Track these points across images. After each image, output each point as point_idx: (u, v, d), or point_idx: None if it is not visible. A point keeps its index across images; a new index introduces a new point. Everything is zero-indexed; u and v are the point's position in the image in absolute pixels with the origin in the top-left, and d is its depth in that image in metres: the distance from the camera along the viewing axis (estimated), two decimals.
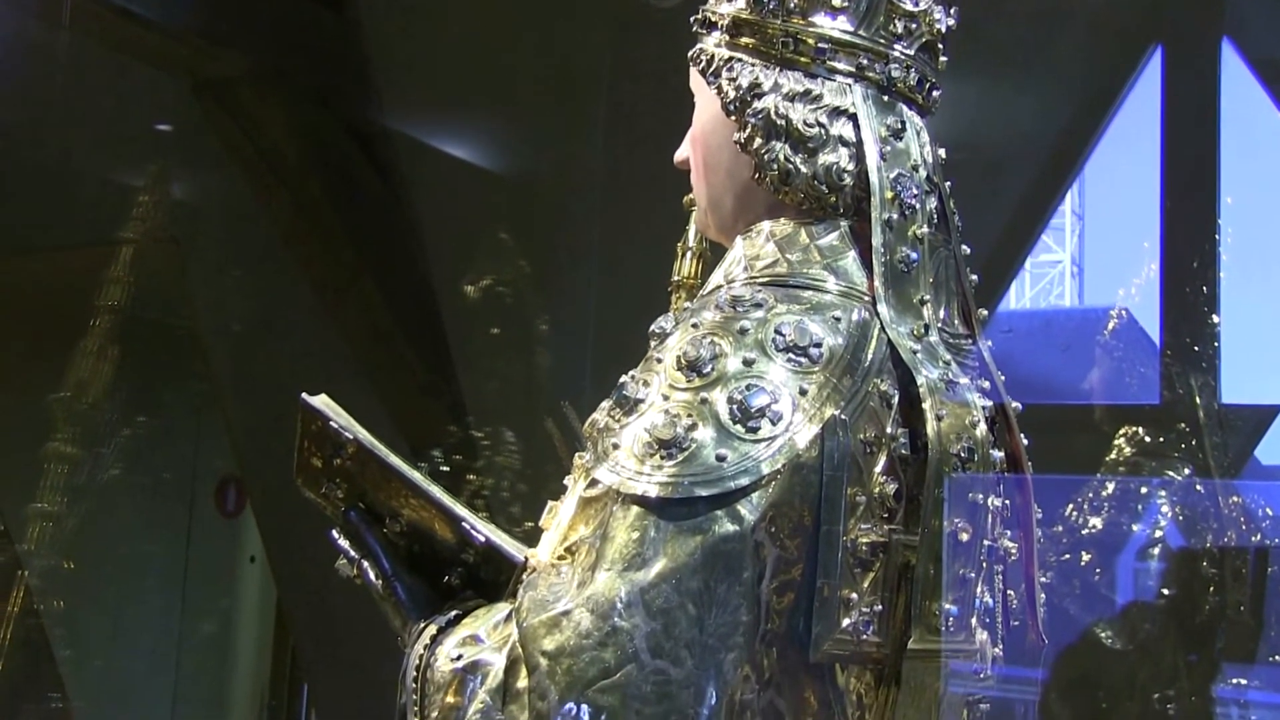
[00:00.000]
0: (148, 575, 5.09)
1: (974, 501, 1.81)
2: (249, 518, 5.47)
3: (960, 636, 1.79)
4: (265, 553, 5.36)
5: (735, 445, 1.66)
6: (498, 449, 4.34)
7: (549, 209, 4.19)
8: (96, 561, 4.56)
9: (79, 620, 4.46)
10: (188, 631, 5.36)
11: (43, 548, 4.14)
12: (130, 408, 4.57)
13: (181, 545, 5.35)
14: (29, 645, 4.21)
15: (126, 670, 4.87)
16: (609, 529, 1.65)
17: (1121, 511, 3.70)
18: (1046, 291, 11.22)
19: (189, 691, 5.34)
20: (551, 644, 1.58)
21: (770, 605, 1.67)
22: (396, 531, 1.87)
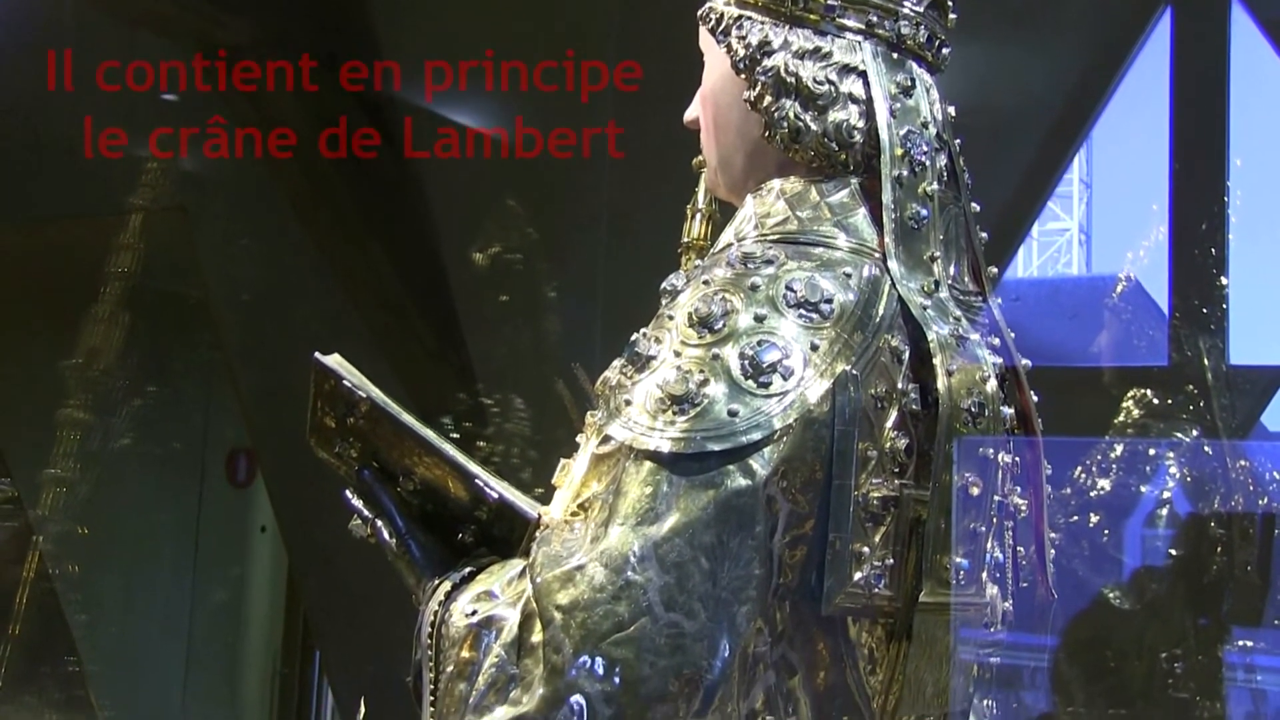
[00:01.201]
0: (159, 544, 5.12)
1: (984, 456, 1.82)
2: (260, 488, 5.49)
3: (971, 590, 1.81)
4: (276, 522, 5.39)
5: (747, 400, 1.66)
6: (507, 415, 4.35)
7: (557, 175, 4.18)
8: (109, 528, 4.59)
9: (92, 586, 4.49)
10: (199, 600, 5.39)
11: (56, 513, 4.16)
12: (141, 377, 4.58)
13: (193, 515, 5.37)
14: (44, 610, 4.25)
15: (139, 637, 4.90)
16: (622, 484, 1.66)
17: (1130, 473, 3.71)
18: (1054, 260, 11.21)
19: (201, 658, 5.38)
20: (565, 598, 1.60)
21: (782, 559, 1.68)
22: (410, 490, 1.88)
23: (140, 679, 4.96)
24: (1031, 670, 3.47)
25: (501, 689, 1.61)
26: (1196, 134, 3.84)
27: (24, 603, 4.16)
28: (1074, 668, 3.53)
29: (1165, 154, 3.96)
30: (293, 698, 5.86)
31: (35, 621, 4.26)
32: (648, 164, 3.44)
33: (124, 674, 4.75)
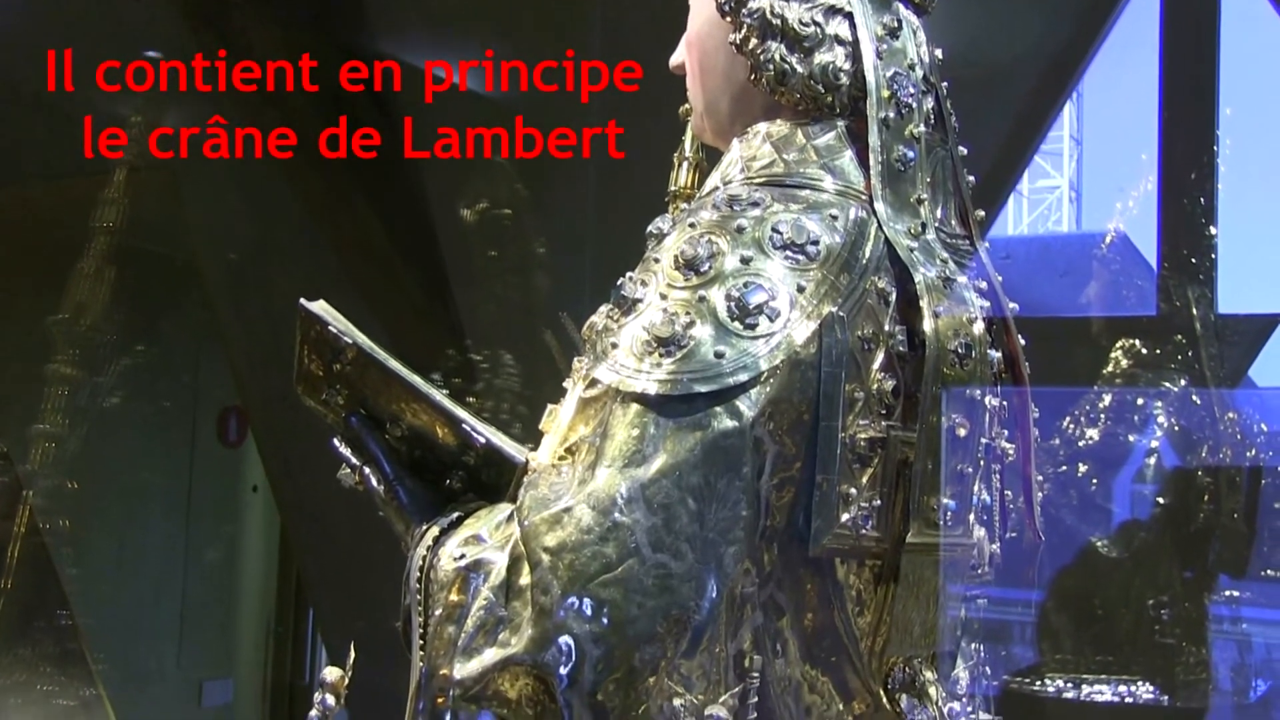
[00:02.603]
0: (151, 502, 5.12)
1: (971, 398, 1.82)
2: (251, 447, 5.49)
3: (958, 531, 1.81)
4: (268, 482, 5.39)
5: (733, 342, 1.66)
6: (497, 372, 4.35)
7: (544, 129, 4.16)
8: (100, 484, 4.59)
9: (84, 541, 4.49)
10: (193, 558, 5.40)
11: (46, 468, 4.17)
12: (129, 336, 4.57)
13: (184, 474, 5.37)
14: (36, 564, 4.26)
15: (133, 594, 4.92)
16: (609, 427, 1.66)
17: (1118, 423, 3.72)
18: (1044, 217, 11.19)
19: (196, 616, 5.39)
20: (553, 540, 1.60)
21: (770, 501, 1.68)
22: (397, 436, 1.88)
23: (135, 636, 4.98)
24: (1021, 625, 3.51)
25: (490, 631, 1.61)
26: (1186, 83, 3.82)
27: (15, 557, 4.17)
28: (1062, 616, 3.56)
29: (1155, 106, 3.95)
30: (287, 655, 5.88)
31: (27, 576, 4.28)
32: (635, 114, 3.44)
33: (119, 629, 4.77)
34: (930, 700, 1.95)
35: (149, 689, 5.08)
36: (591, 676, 1.56)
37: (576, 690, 1.56)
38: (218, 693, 5.57)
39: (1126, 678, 3.51)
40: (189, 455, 5.41)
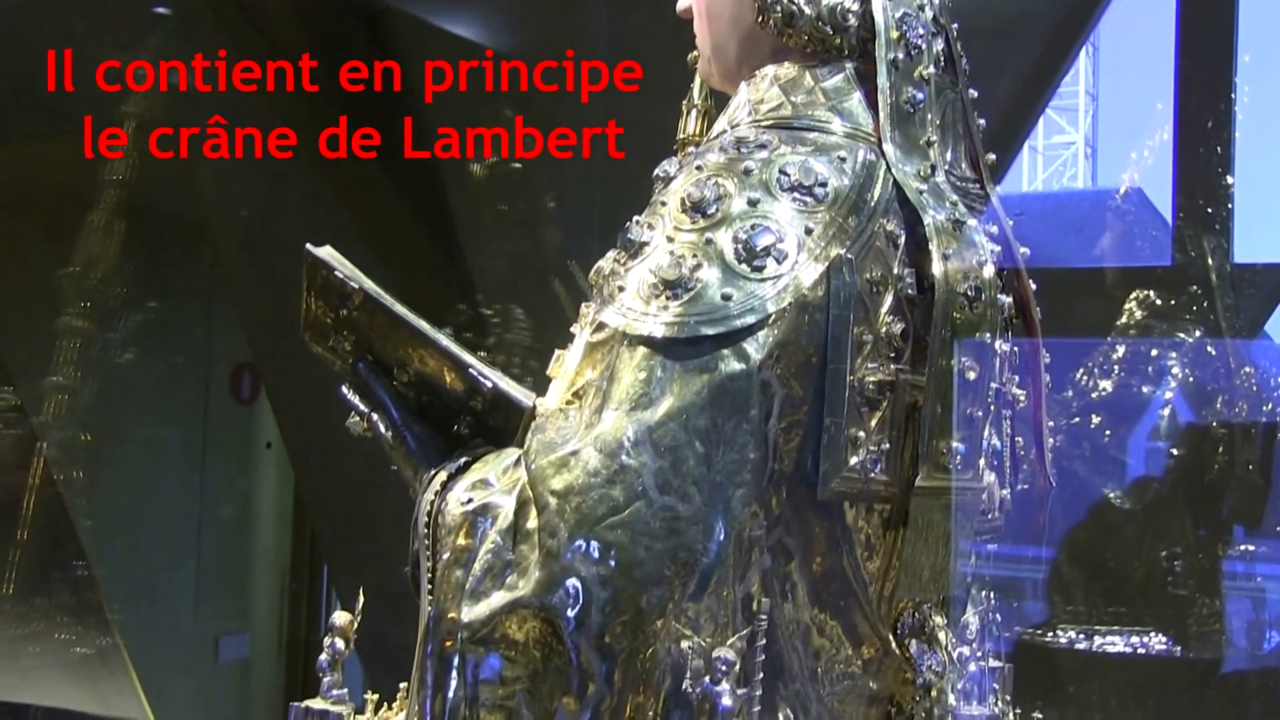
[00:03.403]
0: (166, 458, 5.14)
1: (981, 342, 1.81)
2: (265, 405, 5.50)
3: (968, 475, 1.80)
4: (281, 439, 5.40)
5: (741, 284, 1.65)
6: (508, 326, 4.34)
7: (553, 81, 4.13)
8: (114, 438, 4.61)
9: (98, 493, 4.52)
10: (208, 515, 5.42)
11: (59, 420, 4.19)
12: (141, 292, 4.58)
13: (199, 430, 5.39)
14: (51, 515, 4.29)
15: (150, 549, 4.94)
16: (615, 370, 1.66)
17: (1132, 374, 3.70)
18: (1059, 173, 11.10)
19: (212, 572, 5.42)
20: (560, 483, 1.60)
21: (778, 444, 1.67)
22: (405, 382, 1.88)
23: (152, 591, 5.01)
24: (1033, 577, 3.50)
25: (498, 575, 1.61)
26: (1204, 29, 3.77)
27: (31, 509, 4.20)
28: (1074, 567, 3.55)
29: (1171, 55, 3.89)
30: (302, 611, 5.92)
31: (43, 527, 4.32)
32: (644, 63, 3.41)
33: (136, 584, 4.80)
34: (940, 645, 1.95)
35: (166, 643, 5.12)
36: (599, 619, 1.56)
37: (584, 633, 1.56)
38: (234, 648, 5.62)
39: (1139, 629, 3.50)
40: (203, 412, 5.42)
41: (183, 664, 5.22)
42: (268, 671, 5.78)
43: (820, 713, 1.77)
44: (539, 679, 1.60)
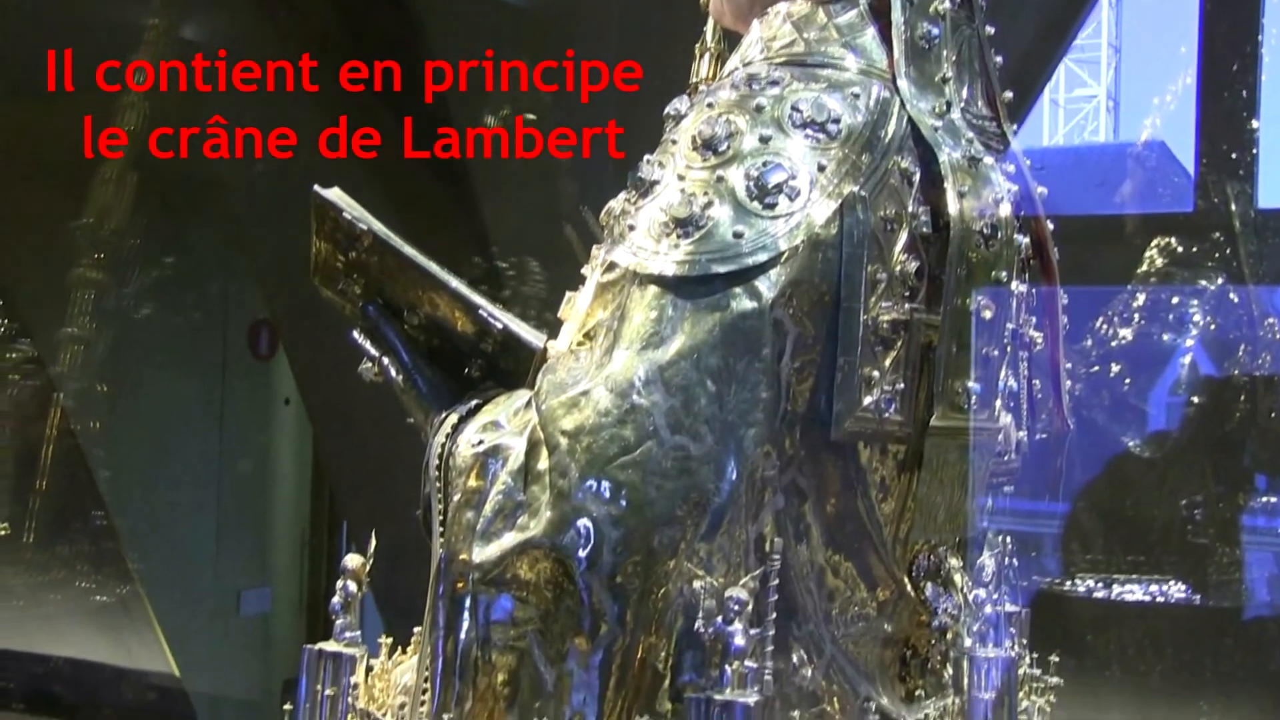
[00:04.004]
0: (185, 412, 5.15)
1: (997, 281, 1.78)
2: (282, 360, 5.50)
3: (984, 415, 1.79)
4: (299, 395, 5.41)
5: (752, 222, 1.63)
6: (523, 279, 4.32)
7: (565, 29, 4.10)
8: (132, 392, 4.62)
9: (118, 447, 4.54)
10: (227, 469, 5.44)
11: (75, 370, 4.20)
12: (158, 248, 4.58)
13: (217, 385, 5.39)
14: (70, 465, 4.31)
15: (170, 503, 4.96)
16: (626, 309, 1.64)
17: (1152, 322, 3.66)
18: (1081, 127, 10.98)
19: (232, 526, 5.45)
20: (571, 423, 1.59)
21: (791, 385, 1.66)
22: (415, 325, 1.86)
23: (173, 544, 5.03)
24: (1050, 524, 3.49)
25: (509, 516, 1.61)
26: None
27: (49, 458, 4.23)
28: (1092, 516, 3.53)
29: (1196, 1, 3.82)
30: (323, 566, 5.95)
31: (61, 476, 4.34)
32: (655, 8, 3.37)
33: (156, 538, 4.82)
34: (955, 588, 1.94)
35: (188, 597, 5.15)
36: (610, 559, 1.55)
37: (595, 573, 1.56)
38: (255, 601, 5.65)
39: (1158, 577, 3.49)
40: (221, 367, 5.43)
41: (205, 616, 5.26)
42: (289, 625, 5.82)
43: (834, 654, 1.76)
44: (550, 620, 1.60)
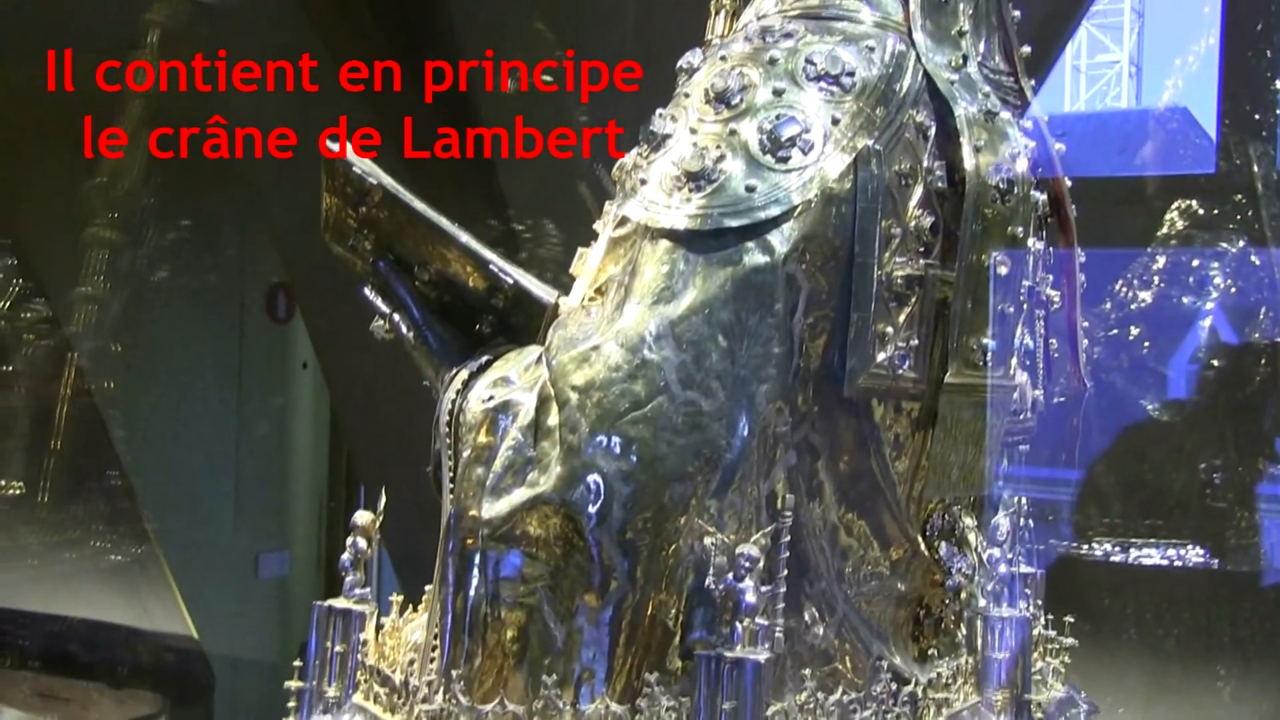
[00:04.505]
0: (202, 375, 5.13)
1: (1013, 237, 1.76)
2: (300, 324, 5.49)
3: (999, 372, 1.77)
4: (317, 359, 5.40)
5: (765, 176, 1.62)
6: (540, 241, 4.30)
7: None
8: (148, 354, 4.61)
9: (134, 406, 4.54)
10: (245, 432, 5.43)
11: (89, 330, 4.20)
12: (173, 209, 4.56)
13: (235, 349, 5.37)
14: (84, 424, 4.31)
15: (188, 466, 4.96)
16: (638, 264, 1.63)
17: (1172, 285, 3.62)
18: (1103, 93, 10.86)
19: (250, 490, 5.45)
20: (581, 378, 1.58)
21: (803, 340, 1.64)
22: (426, 281, 1.85)
23: (191, 507, 5.04)
24: (1067, 488, 3.46)
25: (519, 471, 1.60)
26: None
27: (64, 418, 4.23)
28: (1110, 479, 3.50)
29: None
30: (340, 530, 5.95)
31: (76, 436, 4.34)
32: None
33: (174, 501, 4.83)
34: (969, 547, 1.93)
35: (207, 560, 5.15)
36: (620, 514, 1.55)
37: (605, 528, 1.55)
38: (274, 565, 5.65)
39: (1176, 542, 3.46)
40: (238, 330, 5.40)
41: (223, 580, 5.26)
42: (307, 589, 5.83)
43: (846, 613, 1.75)
44: (560, 576, 1.59)
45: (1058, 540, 3.45)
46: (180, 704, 4.91)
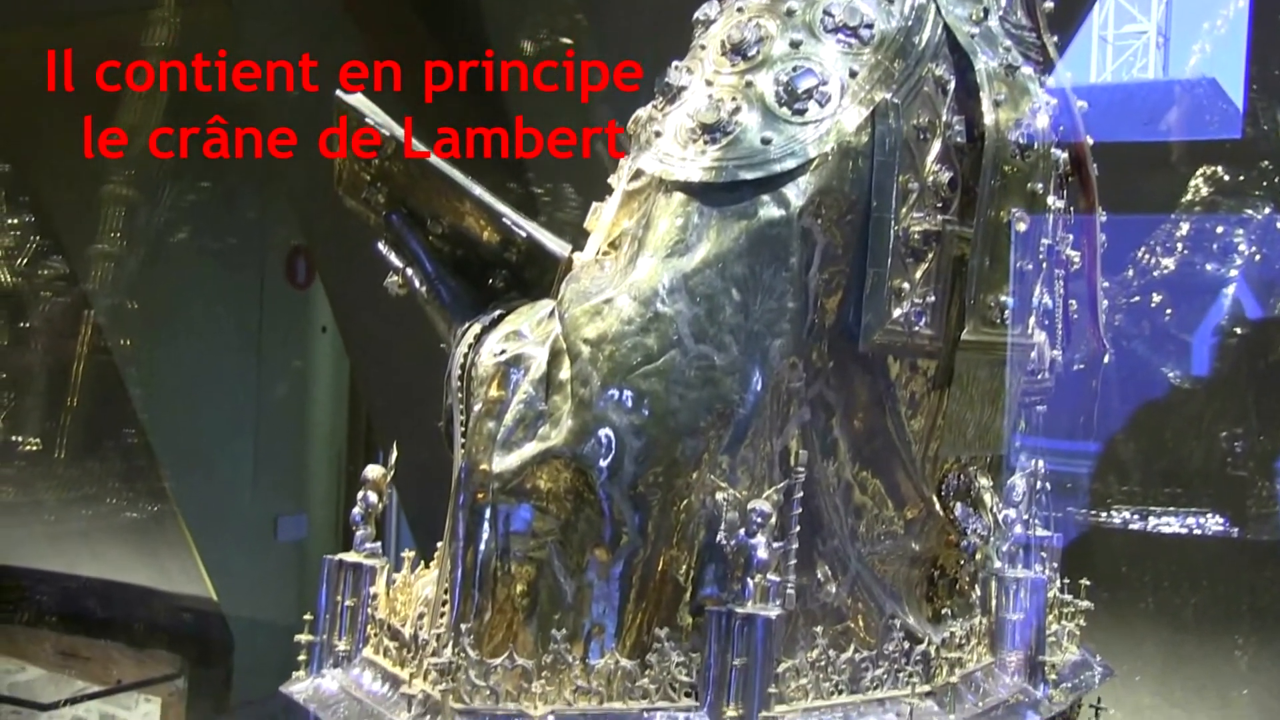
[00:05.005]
0: (221, 337, 5.15)
1: (1033, 193, 1.74)
2: (319, 289, 5.49)
3: (1017, 330, 1.75)
4: (335, 324, 5.40)
5: (781, 128, 1.60)
6: (559, 205, 4.28)
7: (553, 81, 4.06)
8: (167, 312, 4.62)
9: (152, 365, 4.54)
10: (264, 395, 5.45)
11: (106, 287, 4.20)
12: (192, 170, 4.55)
13: (254, 311, 5.38)
14: (101, 382, 4.32)
15: (207, 428, 4.97)
16: (652, 217, 1.61)
17: (1196, 252, 3.58)
18: (1130, 64, 10.74)
19: (269, 453, 5.46)
20: (593, 331, 1.56)
21: (819, 296, 1.62)
22: (439, 234, 1.84)
23: (210, 470, 5.05)
24: (1086, 455, 3.44)
25: (530, 425, 1.59)
26: None
27: (80, 375, 4.23)
28: (1130, 446, 3.48)
29: None
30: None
31: (92, 393, 4.35)
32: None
33: (191, 456, 4.84)
34: (985, 508, 1.91)
35: (226, 523, 5.18)
36: (632, 469, 1.53)
37: (616, 483, 1.54)
38: (292, 528, 5.67)
39: (1195, 510, 3.44)
40: (258, 294, 5.41)
41: (242, 542, 5.28)
42: (325, 552, 5.83)
43: (859, 571, 1.74)
44: (570, 530, 1.58)
45: (1076, 508, 3.42)
46: (199, 665, 4.94)
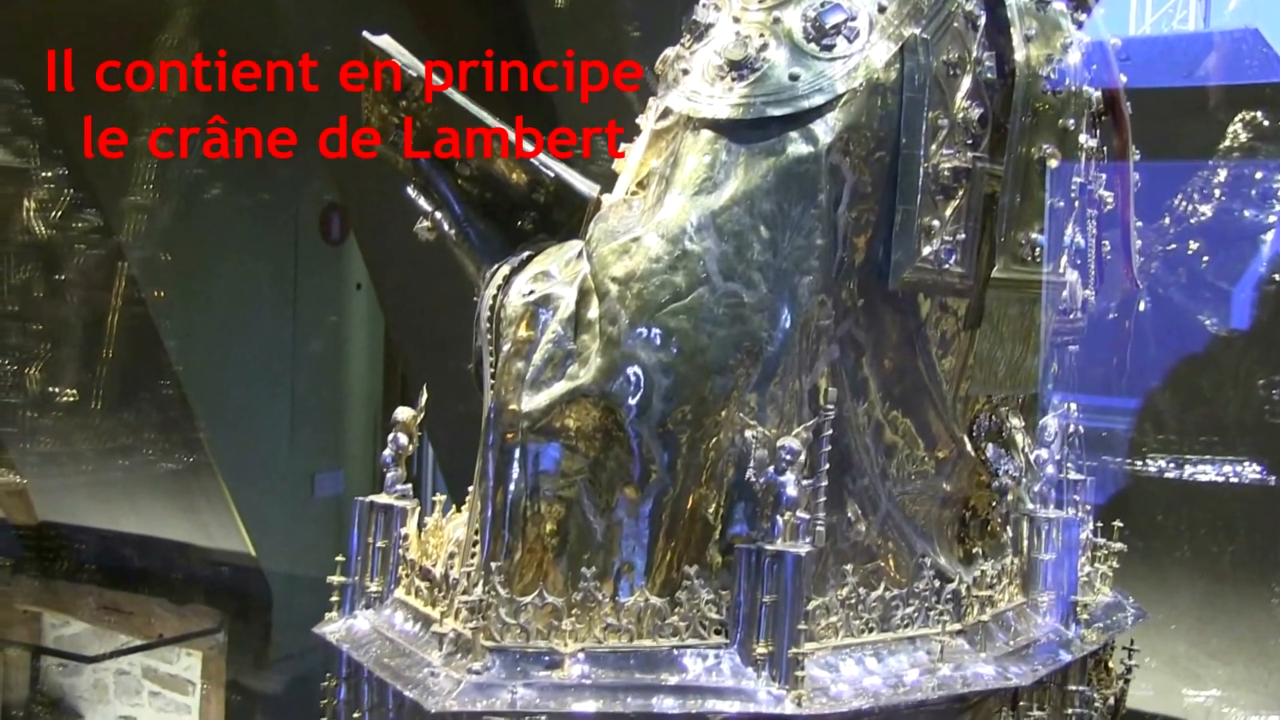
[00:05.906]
0: (256, 295, 5.17)
1: (1064, 130, 1.72)
2: (353, 246, 5.50)
3: (1049, 268, 1.74)
4: (370, 280, 5.41)
5: (809, 64, 1.59)
6: (592, 158, 4.27)
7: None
8: (201, 266, 4.65)
9: (186, 317, 4.57)
10: (300, 351, 5.47)
11: (139, 239, 4.22)
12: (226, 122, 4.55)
13: (289, 266, 5.40)
14: (136, 333, 4.35)
15: (243, 384, 5.00)
16: (679, 155, 1.61)
17: (1234, 198, 3.53)
18: (1169, 16, 10.59)
19: (305, 410, 5.49)
20: (621, 270, 1.56)
21: (848, 234, 1.62)
22: (467, 177, 1.84)
23: (245, 421, 5.09)
24: (1122, 402, 3.41)
25: (559, 364, 1.59)
26: None
27: (115, 327, 4.26)
28: (1166, 394, 3.45)
29: None
30: None
31: (128, 345, 4.39)
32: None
33: (228, 412, 4.88)
34: (1016, 449, 1.90)
35: (263, 478, 5.22)
36: (660, 407, 1.54)
37: (645, 421, 1.54)
38: (329, 484, 5.71)
39: (1232, 458, 3.41)
40: (293, 251, 5.43)
41: (279, 498, 5.33)
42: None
43: (890, 510, 1.74)
44: (599, 469, 1.59)
45: (1112, 456, 3.40)
46: (239, 619, 5.00)
